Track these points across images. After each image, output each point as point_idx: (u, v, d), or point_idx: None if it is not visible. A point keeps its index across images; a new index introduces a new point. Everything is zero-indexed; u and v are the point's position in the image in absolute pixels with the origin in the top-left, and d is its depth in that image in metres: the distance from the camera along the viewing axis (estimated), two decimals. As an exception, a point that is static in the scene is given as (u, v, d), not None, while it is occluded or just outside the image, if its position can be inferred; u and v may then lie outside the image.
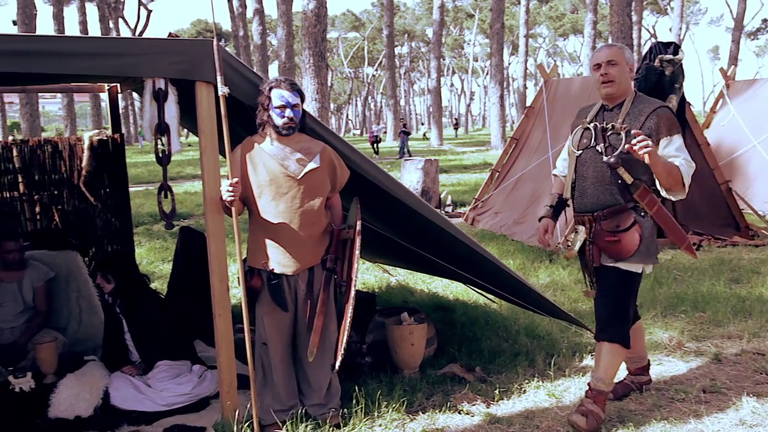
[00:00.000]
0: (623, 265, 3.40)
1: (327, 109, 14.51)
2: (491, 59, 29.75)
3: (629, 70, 3.41)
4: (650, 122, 3.31)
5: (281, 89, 3.44)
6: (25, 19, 23.79)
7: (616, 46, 3.45)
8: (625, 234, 3.35)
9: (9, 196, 5.39)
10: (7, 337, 4.63)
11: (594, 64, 3.45)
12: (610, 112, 3.46)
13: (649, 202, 3.35)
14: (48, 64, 3.12)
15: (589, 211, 3.47)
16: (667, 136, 3.31)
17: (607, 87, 3.40)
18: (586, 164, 3.48)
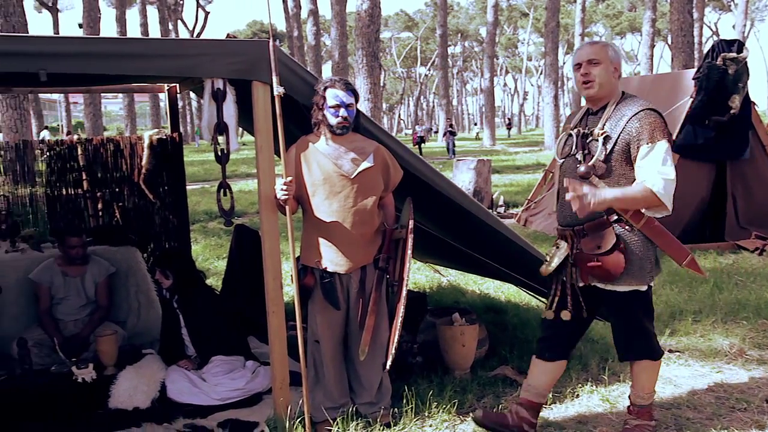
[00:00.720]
0: (621, 287, 3.09)
1: (379, 109, 14.56)
2: (545, 58, 29.34)
3: (614, 69, 3.07)
4: (631, 126, 2.97)
5: (336, 89, 3.46)
6: (90, 22, 24.61)
7: (599, 43, 3.14)
8: (608, 258, 3.01)
9: (73, 193, 5.58)
10: (71, 329, 4.80)
11: (575, 63, 3.12)
12: (594, 115, 3.15)
13: (633, 215, 3.01)
14: (112, 65, 3.22)
15: (570, 224, 3.15)
16: (650, 142, 2.93)
17: (588, 88, 3.06)
18: (567, 173, 3.15)
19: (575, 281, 3.19)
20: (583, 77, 3.06)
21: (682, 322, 5.32)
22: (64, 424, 3.71)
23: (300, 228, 3.69)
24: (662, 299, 6.01)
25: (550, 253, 3.25)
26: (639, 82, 9.76)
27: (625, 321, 3.20)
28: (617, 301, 3.15)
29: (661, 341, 4.78)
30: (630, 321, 3.19)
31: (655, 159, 2.92)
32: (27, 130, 13.01)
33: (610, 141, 2.98)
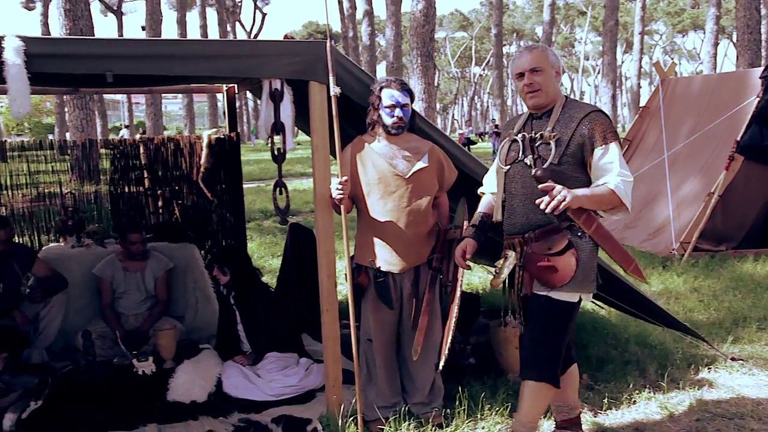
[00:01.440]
0: (555, 294, 2.92)
1: (433, 109, 14.52)
2: (603, 57, 28.75)
3: (556, 74, 2.98)
4: (583, 128, 2.89)
5: (391, 89, 3.47)
6: (153, 25, 25.30)
7: (538, 48, 3.01)
8: (560, 258, 2.89)
9: (135, 190, 5.75)
10: (132, 323, 4.95)
11: (516, 72, 3.01)
12: (538, 120, 3.03)
13: (585, 220, 2.88)
14: (175, 66, 3.31)
15: (519, 232, 3.02)
16: (603, 144, 2.87)
17: (534, 97, 2.97)
18: (515, 180, 3.04)
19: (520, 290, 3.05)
20: (528, 87, 2.96)
21: (746, 330, 5.15)
22: (125, 414, 3.81)
23: (354, 227, 3.71)
24: (725, 305, 5.83)
25: (498, 265, 3.09)
26: (702, 82, 9.48)
27: (544, 332, 2.97)
28: (544, 308, 2.95)
29: (724, 348, 4.65)
30: (548, 333, 2.96)
31: (612, 160, 2.87)
32: (92, 129, 13.47)
33: (562, 143, 2.88)
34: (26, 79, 3.04)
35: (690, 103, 9.01)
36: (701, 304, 5.95)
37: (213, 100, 35.92)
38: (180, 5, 31.81)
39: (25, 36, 3.07)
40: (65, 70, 3.25)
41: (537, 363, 2.97)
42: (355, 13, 36.21)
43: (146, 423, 3.73)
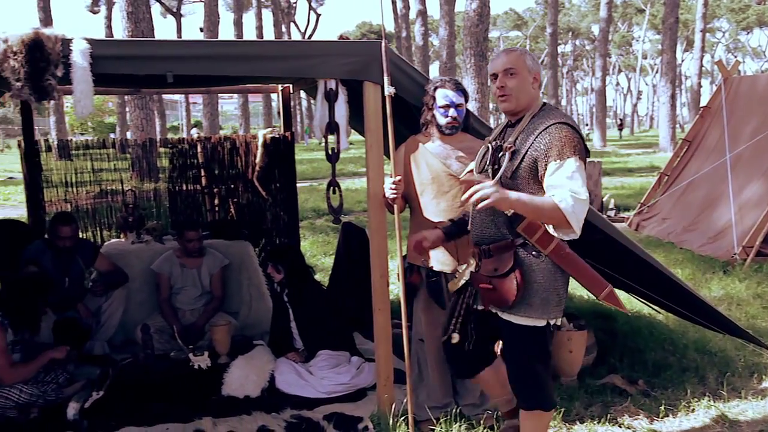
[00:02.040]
0: (515, 318, 2.76)
1: (486, 109, 14.42)
2: (662, 56, 28.05)
3: (533, 79, 2.78)
4: (539, 142, 2.66)
5: (446, 89, 3.47)
6: (210, 26, 25.82)
7: (516, 50, 2.82)
8: (501, 281, 2.70)
9: (192, 188, 5.88)
10: (188, 318, 5.06)
11: (491, 73, 2.83)
12: (512, 128, 2.86)
13: (540, 238, 2.67)
14: (234, 66, 3.38)
15: (477, 243, 2.88)
16: (558, 159, 2.61)
17: (504, 102, 2.78)
18: None
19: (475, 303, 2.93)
20: (499, 90, 2.78)
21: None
22: (181, 407, 3.90)
23: (407, 226, 3.72)
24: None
25: (460, 269, 2.98)
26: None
27: (518, 361, 2.85)
28: (512, 335, 2.82)
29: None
30: (522, 362, 2.84)
31: (564, 176, 2.59)
32: (152, 128, 13.83)
33: (518, 156, 2.70)
34: (91, 81, 3.15)
35: (754, 102, 8.72)
36: (765, 311, 5.75)
37: (267, 100, 36.48)
38: (237, 7, 32.38)
39: (91, 38, 3.18)
40: (128, 71, 3.35)
41: (526, 392, 2.89)
42: (408, 13, 36.23)
43: (201, 416, 3.81)
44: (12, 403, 3.76)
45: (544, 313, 2.74)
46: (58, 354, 4.05)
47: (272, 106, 37.03)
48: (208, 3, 27.23)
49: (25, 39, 3.05)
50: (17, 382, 3.80)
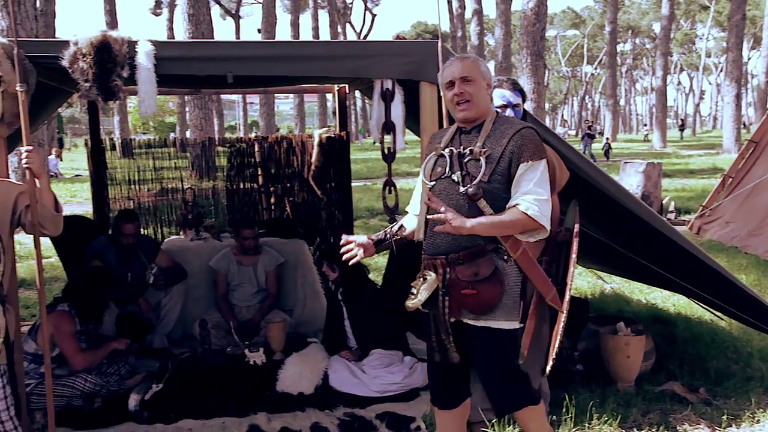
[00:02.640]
0: (494, 323, 2.76)
1: (542, 109, 14.26)
2: (727, 54, 27.20)
3: (487, 86, 2.82)
4: (512, 145, 2.71)
5: (503, 89, 3.43)
6: (268, 27, 26.21)
7: (470, 58, 2.84)
8: (485, 285, 2.71)
9: (250, 187, 5.99)
10: (244, 314, 5.16)
11: (445, 81, 2.84)
12: (467, 134, 2.84)
13: (513, 243, 2.74)
14: (293, 67, 3.43)
15: (442, 253, 2.80)
16: (529, 161, 2.70)
17: (464, 109, 2.78)
18: (440, 196, 2.80)
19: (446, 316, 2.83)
20: (458, 97, 2.77)
21: None
22: (237, 402, 3.98)
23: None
24: None
25: (416, 286, 2.85)
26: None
27: (501, 365, 2.83)
28: (489, 342, 2.80)
29: None
30: (506, 365, 2.83)
31: (531, 179, 2.70)
32: (210, 128, 14.12)
33: (493, 160, 2.70)
34: (154, 82, 3.25)
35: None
36: (835, 320, 5.51)
37: (323, 100, 36.80)
38: (294, 8, 32.81)
39: (156, 40, 3.27)
40: (190, 72, 3.44)
41: (510, 396, 2.89)
42: (464, 13, 36.06)
43: (256, 411, 3.88)
44: (78, 392, 3.90)
45: (516, 315, 2.81)
46: (120, 345, 4.20)
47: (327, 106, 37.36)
48: (266, 4, 27.66)
49: (93, 41, 3.16)
50: (84, 369, 3.94)
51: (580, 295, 6.34)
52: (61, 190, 16.82)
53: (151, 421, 3.78)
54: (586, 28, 68.61)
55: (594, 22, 66.37)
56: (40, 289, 3.22)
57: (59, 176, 21.80)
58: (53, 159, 20.56)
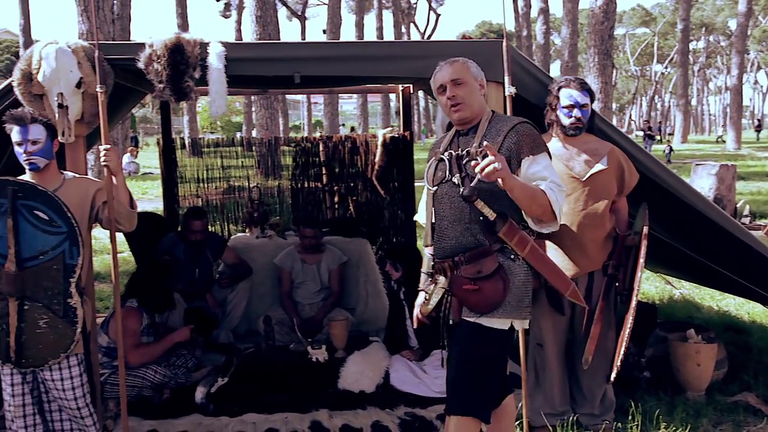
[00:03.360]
0: (485, 320, 2.64)
1: (609, 109, 13.95)
2: (809, 52, 25.91)
3: (480, 86, 2.77)
4: (509, 141, 2.64)
5: (570, 88, 3.38)
6: (332, 28, 26.50)
7: (459, 61, 2.79)
8: (487, 282, 2.61)
9: (314, 186, 6.07)
10: (307, 312, 5.23)
11: (437, 86, 2.80)
12: (465, 136, 2.78)
13: (518, 241, 2.63)
14: (359, 67, 3.47)
15: (448, 256, 2.73)
16: (530, 155, 2.63)
17: (458, 111, 2.74)
18: (443, 201, 2.76)
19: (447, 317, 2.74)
20: (451, 100, 2.73)
21: None
22: (299, 398, 4.04)
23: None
24: None
25: (428, 291, 2.81)
26: None
27: (469, 361, 2.69)
28: (470, 334, 2.67)
29: None
30: (473, 362, 2.68)
31: (541, 170, 2.63)
32: (276, 127, 14.36)
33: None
34: (225, 83, 3.33)
35: None
36: None
37: (386, 100, 36.91)
38: (358, 9, 33.02)
39: (226, 41, 3.35)
40: (259, 73, 3.51)
41: (462, 396, 2.69)
42: (529, 12, 35.57)
43: (318, 408, 3.92)
44: (148, 383, 4.04)
45: (517, 313, 2.67)
46: (181, 336, 4.28)
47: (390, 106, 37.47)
48: (331, 5, 27.95)
49: (167, 43, 3.26)
50: (144, 363, 4.05)
51: (647, 300, 6.18)
52: (133, 187, 17.38)
53: (216, 413, 3.87)
54: (656, 26, 66.66)
55: (665, 19, 64.39)
56: (115, 283, 3.35)
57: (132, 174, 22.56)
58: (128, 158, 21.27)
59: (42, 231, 2.82)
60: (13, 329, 2.86)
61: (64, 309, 2.87)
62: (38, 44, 3.27)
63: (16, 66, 3.28)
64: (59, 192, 3.00)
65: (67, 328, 2.88)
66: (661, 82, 71.48)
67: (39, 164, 3.01)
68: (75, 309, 2.87)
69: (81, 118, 3.31)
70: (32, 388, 3.02)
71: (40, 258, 2.84)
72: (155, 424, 3.76)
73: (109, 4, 9.92)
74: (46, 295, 2.86)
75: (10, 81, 3.31)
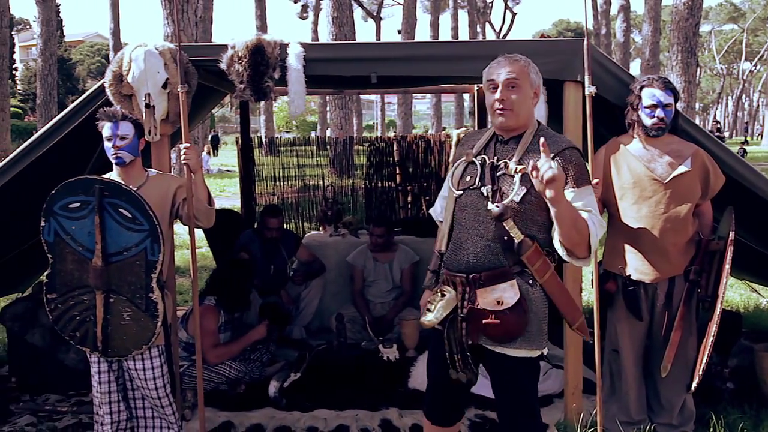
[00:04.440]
0: (513, 351, 2.48)
1: (693, 109, 13.44)
2: None
3: (533, 94, 2.48)
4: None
5: (653, 88, 3.28)
6: (407, 28, 26.56)
7: (520, 61, 2.49)
8: (509, 316, 2.41)
9: (387, 185, 6.11)
10: (379, 310, 5.26)
11: (488, 79, 2.51)
12: (504, 144, 2.52)
13: (540, 267, 2.43)
14: (434, 67, 3.47)
15: (463, 271, 2.51)
16: (575, 186, 2.39)
17: (503, 116, 2.45)
18: (466, 209, 2.52)
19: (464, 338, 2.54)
20: (500, 102, 2.44)
21: None
22: (370, 396, 4.07)
23: (604, 232, 3.57)
24: None
25: (433, 302, 2.55)
26: None
27: (512, 395, 2.56)
28: (506, 369, 2.53)
29: None
30: (517, 395, 2.56)
31: (585, 204, 2.38)
32: (350, 127, 14.51)
33: (529, 180, 2.35)
34: (303, 83, 3.40)
35: None
36: None
37: (459, 100, 36.71)
38: (434, 8, 32.97)
39: (305, 42, 3.42)
40: (337, 73, 3.57)
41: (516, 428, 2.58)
42: (608, 9, 34.65)
43: (388, 407, 3.95)
44: (224, 378, 4.16)
45: (541, 342, 2.52)
46: (259, 333, 4.37)
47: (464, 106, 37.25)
48: (406, 5, 28.00)
49: (249, 45, 3.35)
50: (223, 361, 4.17)
51: (731, 308, 5.93)
52: (211, 185, 17.87)
53: (288, 408, 3.95)
54: (745, 22, 63.75)
55: (755, 14, 61.48)
56: (194, 279, 3.46)
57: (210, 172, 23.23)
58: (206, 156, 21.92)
59: (126, 228, 2.94)
60: (100, 321, 2.99)
61: (146, 303, 2.98)
62: (128, 47, 3.42)
63: (108, 67, 3.44)
64: (143, 189, 3.12)
65: (148, 321, 2.99)
66: (749, 81, 68.31)
67: (125, 159, 3.13)
68: (156, 303, 2.98)
69: (166, 117, 3.44)
70: (117, 376, 3.16)
71: (124, 254, 2.96)
72: (230, 416, 3.87)
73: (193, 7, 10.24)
74: (129, 289, 2.98)
75: (102, 82, 3.48)
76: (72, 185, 2.94)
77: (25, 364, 4.36)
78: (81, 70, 48.65)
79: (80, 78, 47.17)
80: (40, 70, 19.99)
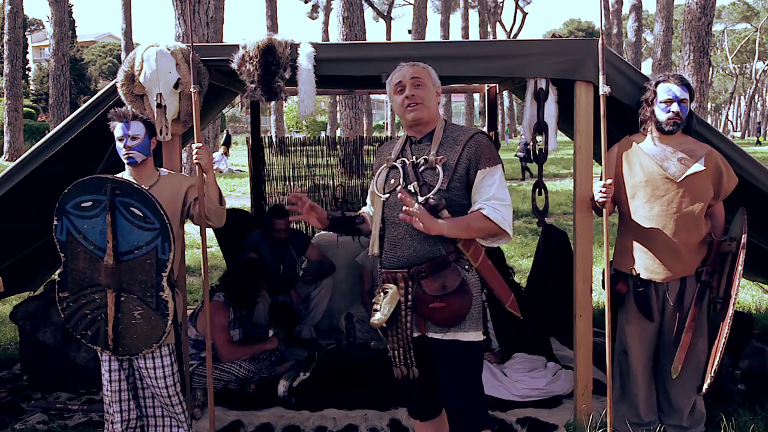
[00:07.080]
0: (463, 335, 2.60)
1: (705, 109, 13.35)
2: None
3: (436, 93, 2.72)
4: (468, 151, 2.60)
5: (669, 83, 3.27)
6: (418, 28, 26.56)
7: (419, 64, 2.73)
8: (454, 297, 2.56)
9: (397, 185, 6.09)
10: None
11: (394, 84, 2.71)
12: (418, 144, 2.70)
13: (474, 251, 2.62)
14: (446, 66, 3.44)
15: (403, 266, 2.62)
16: (486, 167, 2.60)
17: (415, 110, 2.64)
18: (397, 209, 2.58)
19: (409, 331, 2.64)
20: (409, 99, 2.65)
21: None
22: (379, 395, 4.07)
23: (615, 231, 3.56)
24: None
25: (377, 302, 2.66)
26: None
27: (463, 380, 2.66)
28: (456, 355, 2.63)
29: None
30: (468, 381, 2.67)
31: (491, 184, 2.60)
32: (360, 127, 14.50)
33: (450, 168, 2.59)
34: (314, 83, 3.40)
35: None
36: None
37: (470, 100, 36.68)
38: (444, 8, 32.96)
39: (316, 42, 3.42)
40: (347, 73, 3.56)
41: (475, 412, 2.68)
42: (620, 9, 34.52)
43: (397, 407, 3.94)
44: (234, 377, 4.17)
45: (480, 325, 2.68)
46: (271, 346, 4.45)
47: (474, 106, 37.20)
48: (417, 6, 28.01)
49: (260, 45, 3.36)
50: (235, 359, 4.19)
51: (743, 309, 5.89)
52: (221, 185, 17.95)
53: (298, 407, 3.96)
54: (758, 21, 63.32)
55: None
56: (205, 278, 3.47)
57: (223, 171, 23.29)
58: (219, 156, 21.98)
59: (137, 227, 2.96)
60: (111, 319, 3.01)
61: (157, 301, 2.99)
62: (140, 47, 3.44)
63: (120, 68, 3.46)
64: (154, 188, 3.14)
65: (159, 320, 3.01)
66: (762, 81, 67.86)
67: (137, 159, 3.15)
68: (167, 302, 2.99)
69: (177, 117, 3.46)
70: (128, 375, 3.18)
71: (136, 252, 2.98)
72: (239, 415, 3.88)
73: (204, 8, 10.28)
74: (140, 288, 2.99)
75: (114, 82, 3.49)
76: (84, 184, 2.96)
77: (36, 362, 4.40)
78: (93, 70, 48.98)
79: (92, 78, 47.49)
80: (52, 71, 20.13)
